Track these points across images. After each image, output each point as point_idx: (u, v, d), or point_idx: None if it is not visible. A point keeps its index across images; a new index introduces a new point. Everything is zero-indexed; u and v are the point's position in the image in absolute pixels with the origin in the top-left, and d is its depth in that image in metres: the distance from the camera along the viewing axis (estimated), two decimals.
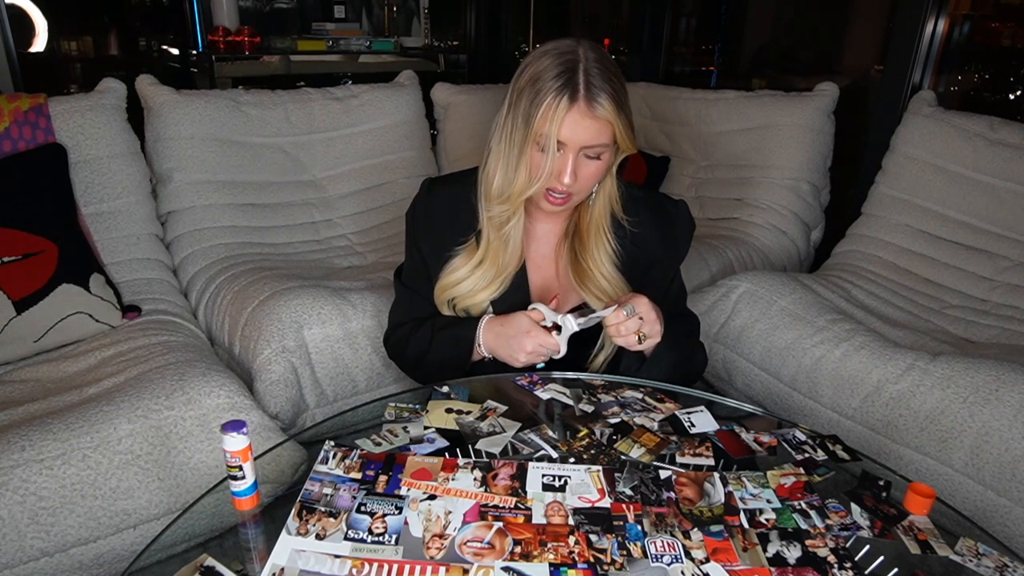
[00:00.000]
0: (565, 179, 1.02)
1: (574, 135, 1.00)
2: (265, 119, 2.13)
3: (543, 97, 0.99)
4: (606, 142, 1.02)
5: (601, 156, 1.04)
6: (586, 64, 1.00)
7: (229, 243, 1.98)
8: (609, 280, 1.16)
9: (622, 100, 1.02)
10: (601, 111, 0.99)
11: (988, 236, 1.93)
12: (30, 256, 1.48)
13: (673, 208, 1.22)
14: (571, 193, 1.07)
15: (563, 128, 0.99)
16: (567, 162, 1.02)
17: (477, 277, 1.15)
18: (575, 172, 1.03)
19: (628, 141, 1.06)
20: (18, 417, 1.25)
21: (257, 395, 1.51)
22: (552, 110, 0.98)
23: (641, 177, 2.58)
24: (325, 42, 3.13)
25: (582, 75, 0.99)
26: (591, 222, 1.15)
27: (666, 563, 0.73)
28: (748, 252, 2.25)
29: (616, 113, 1.01)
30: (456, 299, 1.18)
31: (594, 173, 1.06)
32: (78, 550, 1.17)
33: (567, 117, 0.99)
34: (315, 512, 0.77)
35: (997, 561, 0.75)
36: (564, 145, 1.01)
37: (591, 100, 0.99)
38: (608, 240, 1.16)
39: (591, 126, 1.00)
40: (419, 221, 1.19)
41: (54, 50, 3.34)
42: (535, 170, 1.04)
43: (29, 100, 1.66)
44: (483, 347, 1.12)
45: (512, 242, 1.14)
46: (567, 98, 0.98)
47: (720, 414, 1.02)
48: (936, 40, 2.20)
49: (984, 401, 1.33)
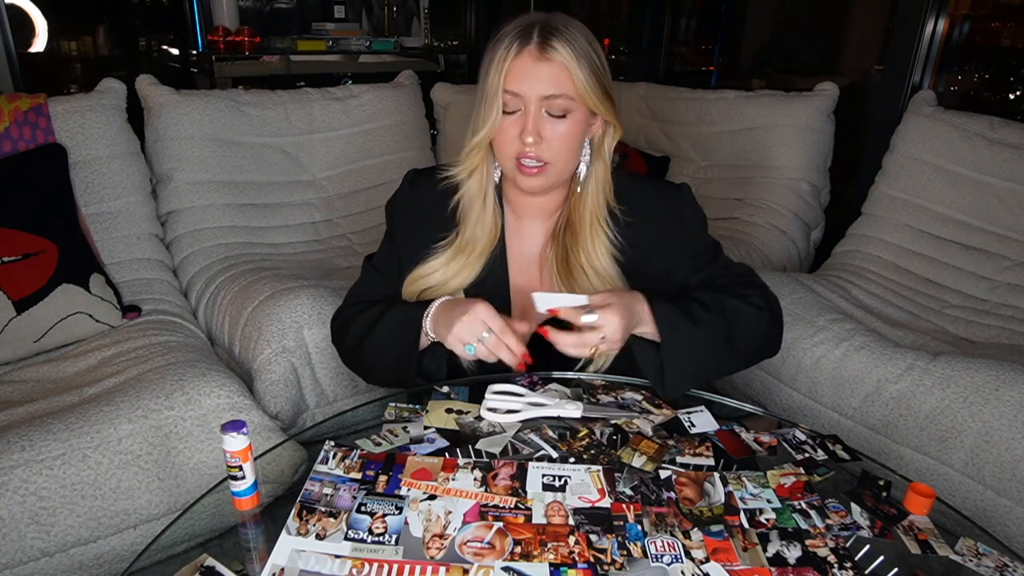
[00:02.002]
0: (528, 137, 0.96)
1: (524, 81, 0.94)
2: (265, 119, 2.13)
3: (497, 49, 0.96)
4: (566, 93, 0.95)
5: (567, 114, 0.97)
6: (547, 18, 0.96)
7: (229, 243, 1.98)
8: (602, 276, 1.08)
9: (584, 51, 0.96)
10: (554, 54, 0.94)
11: (988, 236, 1.93)
12: (30, 256, 1.48)
13: (675, 193, 1.13)
14: (544, 161, 0.99)
15: (512, 73, 0.94)
16: (528, 117, 0.96)
17: (451, 266, 1.09)
18: (537, 130, 0.96)
19: (597, 100, 0.98)
20: (18, 417, 1.25)
21: (257, 395, 1.51)
22: (502, 59, 0.95)
23: None
24: (325, 42, 3.13)
25: (539, 25, 0.95)
26: (585, 212, 1.07)
27: (666, 563, 0.73)
28: (748, 252, 2.25)
29: (575, 60, 0.94)
30: (426, 291, 1.10)
31: (564, 136, 0.98)
32: (78, 550, 1.17)
33: (516, 61, 0.94)
34: (315, 512, 0.77)
35: (997, 561, 0.75)
36: (520, 97, 0.96)
37: (543, 43, 0.94)
38: (606, 230, 1.07)
39: (543, 71, 0.94)
40: (398, 214, 1.13)
41: (54, 50, 3.34)
42: (500, 135, 0.99)
43: (29, 100, 1.66)
44: (430, 327, 0.99)
45: (485, 220, 1.07)
46: (517, 44, 0.94)
47: (720, 414, 1.02)
48: (936, 40, 2.20)
49: (984, 401, 1.33)
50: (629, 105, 2.83)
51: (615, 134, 1.06)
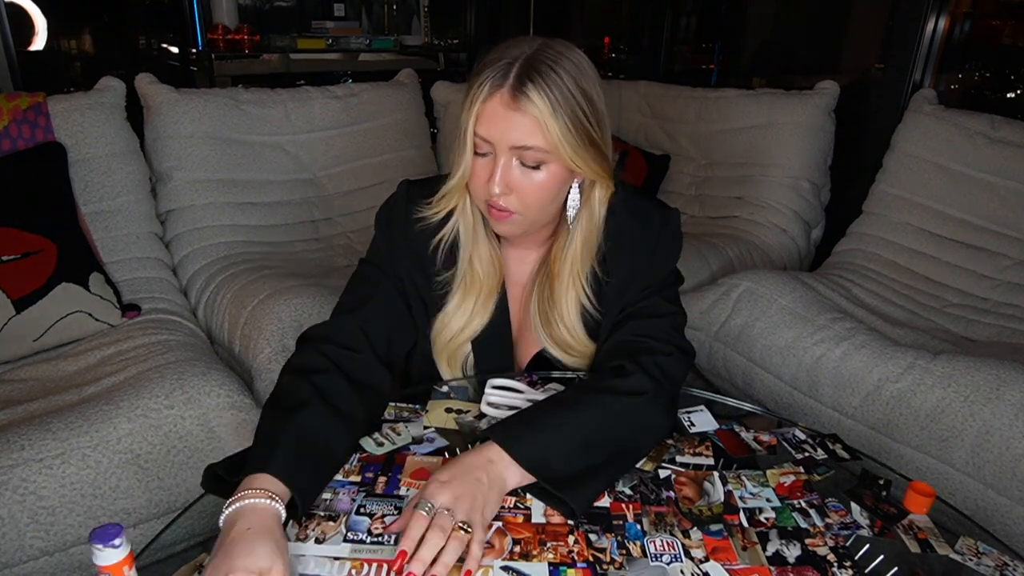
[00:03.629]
0: (495, 188, 0.88)
1: (493, 128, 0.86)
2: (265, 117, 2.13)
3: (472, 84, 0.87)
4: (539, 146, 0.86)
5: (541, 167, 0.89)
6: (533, 55, 0.85)
7: (229, 242, 1.98)
8: (571, 332, 1.02)
9: (565, 99, 0.85)
10: (526, 104, 0.84)
11: (989, 234, 1.92)
12: (29, 255, 1.48)
13: (661, 221, 1.02)
14: (511, 210, 0.91)
15: (482, 119, 0.86)
16: (497, 166, 0.88)
17: (463, 308, 1.02)
18: (505, 180, 0.88)
19: (575, 156, 0.88)
20: (18, 417, 1.25)
21: (257, 395, 1.51)
22: (474, 99, 0.86)
23: (641, 175, 2.58)
24: (325, 40, 3.13)
25: (519, 64, 0.85)
26: (564, 264, 0.99)
27: (665, 562, 0.72)
28: (748, 250, 2.25)
29: (550, 111, 0.84)
30: (450, 342, 1.03)
31: (536, 189, 0.90)
32: (78, 549, 1.17)
33: (485, 106, 0.86)
34: (314, 517, 0.77)
35: (997, 560, 0.75)
36: (491, 144, 0.88)
37: (517, 90, 0.84)
38: (583, 287, 1.00)
39: (513, 121, 0.85)
40: (397, 236, 1.01)
41: (54, 49, 3.33)
42: (472, 178, 0.92)
43: (28, 99, 1.66)
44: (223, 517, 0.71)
45: (482, 253, 1.01)
46: (490, 84, 0.85)
47: (720, 413, 1.01)
48: (937, 38, 2.19)
49: (985, 400, 1.33)
50: (629, 104, 2.82)
51: (606, 190, 0.97)
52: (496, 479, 0.78)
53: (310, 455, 0.78)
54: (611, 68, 3.82)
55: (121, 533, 0.61)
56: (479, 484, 0.76)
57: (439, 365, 1.07)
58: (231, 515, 0.70)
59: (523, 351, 1.10)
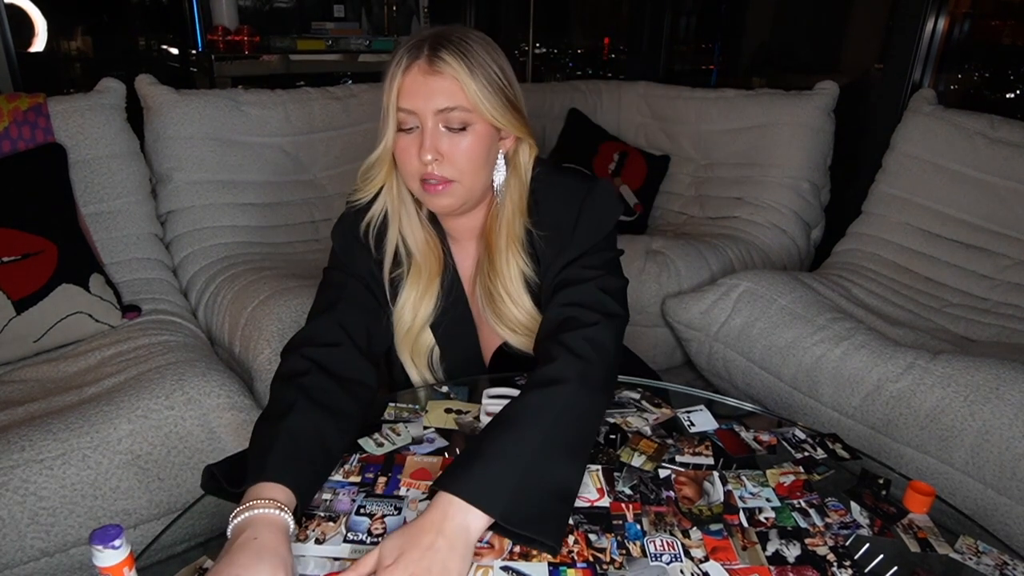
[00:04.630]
0: (426, 155, 0.90)
1: (416, 98, 0.90)
2: (265, 118, 2.13)
3: (389, 66, 0.92)
4: (462, 104, 0.90)
5: (467, 128, 0.92)
6: (440, 31, 0.92)
7: (229, 243, 1.98)
8: (518, 304, 1.02)
9: (480, 61, 0.90)
10: (443, 66, 0.89)
11: (988, 234, 1.92)
12: (30, 256, 1.48)
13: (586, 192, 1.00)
14: (446, 178, 0.93)
15: (403, 92, 0.90)
16: (425, 134, 0.91)
17: (411, 296, 1.04)
18: (435, 145, 0.91)
19: (497, 113, 0.92)
20: (18, 417, 1.25)
21: (257, 395, 1.51)
22: (393, 76, 0.91)
23: (641, 176, 2.58)
24: (325, 41, 3.12)
25: (431, 37, 0.91)
26: (500, 232, 1.01)
27: (665, 562, 0.73)
28: (748, 251, 2.25)
29: (467, 71, 0.89)
30: (408, 332, 1.05)
31: (466, 151, 0.92)
32: (78, 550, 1.17)
33: (406, 77, 0.90)
34: (314, 518, 0.77)
35: (997, 559, 0.75)
36: (415, 114, 0.91)
37: (433, 56, 0.89)
38: (520, 253, 1.01)
39: (433, 85, 0.89)
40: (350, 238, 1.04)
41: (54, 50, 3.34)
42: (400, 155, 0.94)
43: (28, 100, 1.66)
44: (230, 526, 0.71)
45: (416, 235, 1.02)
46: (407, 58, 0.90)
47: (720, 413, 1.02)
48: (936, 38, 2.20)
49: (984, 400, 1.33)
50: (629, 104, 2.83)
51: (530, 150, 1.01)
52: (456, 535, 0.70)
53: (304, 455, 0.79)
54: (611, 69, 3.83)
55: (121, 534, 0.61)
56: (434, 553, 0.68)
57: (404, 362, 1.08)
58: (240, 524, 0.70)
59: (485, 342, 1.12)
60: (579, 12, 4.18)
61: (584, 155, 2.65)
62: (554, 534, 0.73)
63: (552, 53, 4.10)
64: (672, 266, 2.01)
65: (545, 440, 0.77)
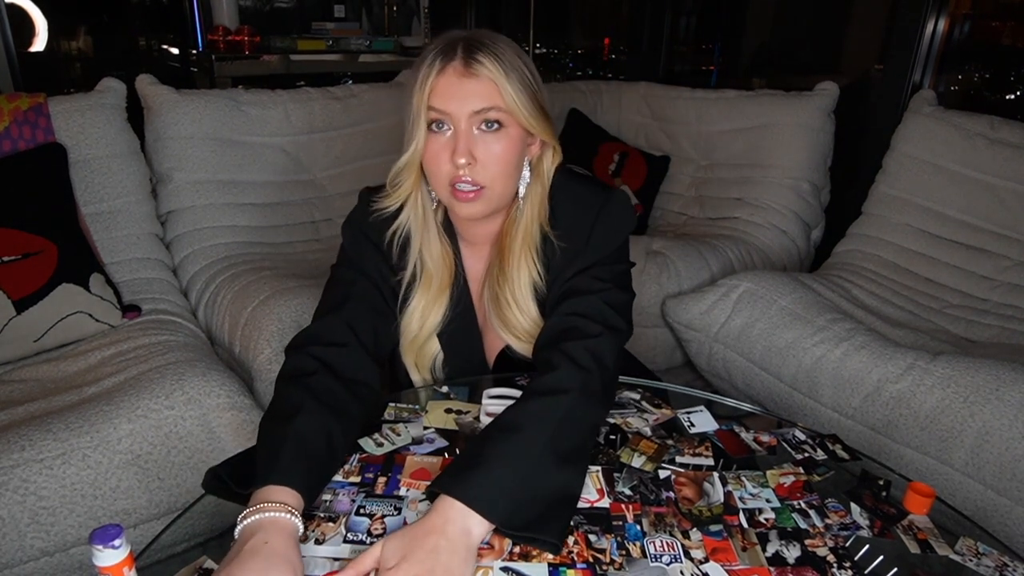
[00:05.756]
0: (460, 158, 0.89)
1: (450, 100, 0.89)
2: (265, 118, 2.13)
3: (420, 68, 0.91)
4: (498, 105, 0.90)
5: (501, 130, 0.92)
6: (471, 34, 0.92)
7: (229, 243, 1.98)
8: (526, 313, 1.02)
9: (514, 65, 0.90)
10: (480, 68, 0.88)
11: (988, 235, 1.93)
12: (30, 256, 1.48)
13: (602, 202, 1.00)
14: (480, 184, 0.92)
15: (436, 92, 0.89)
16: (459, 137, 0.90)
17: (422, 302, 1.03)
18: (468, 148, 0.90)
19: (531, 117, 0.92)
20: (18, 417, 1.25)
21: (257, 395, 1.51)
22: (425, 78, 0.90)
23: (641, 177, 2.58)
24: (325, 41, 3.12)
25: (463, 40, 0.91)
26: (516, 237, 1.00)
27: (665, 563, 0.73)
28: (748, 251, 2.25)
29: (503, 74, 0.89)
30: (414, 339, 1.05)
31: (499, 156, 0.92)
32: (78, 550, 1.17)
33: (440, 79, 0.89)
34: (314, 518, 0.77)
35: (997, 560, 0.75)
36: (449, 116, 0.90)
37: (468, 58, 0.89)
38: (534, 260, 1.00)
39: (469, 88, 0.89)
40: (360, 237, 1.03)
41: (54, 50, 3.34)
42: (431, 159, 0.92)
43: (29, 100, 1.66)
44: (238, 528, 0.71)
45: (432, 248, 1.02)
46: (440, 61, 0.90)
47: (720, 413, 1.02)
48: (936, 39, 2.20)
49: (984, 401, 1.33)
50: (629, 105, 2.83)
51: (555, 156, 1.01)
52: (458, 538, 0.70)
53: (312, 458, 0.79)
54: (611, 69, 3.83)
55: (121, 534, 0.61)
56: (437, 556, 0.68)
57: (407, 365, 1.08)
58: (250, 526, 0.70)
59: (489, 346, 1.11)
60: (579, 12, 4.18)
61: (584, 155, 2.66)
62: (555, 533, 0.73)
63: (552, 53, 4.11)
64: (672, 267, 2.01)
65: (546, 447, 0.78)
